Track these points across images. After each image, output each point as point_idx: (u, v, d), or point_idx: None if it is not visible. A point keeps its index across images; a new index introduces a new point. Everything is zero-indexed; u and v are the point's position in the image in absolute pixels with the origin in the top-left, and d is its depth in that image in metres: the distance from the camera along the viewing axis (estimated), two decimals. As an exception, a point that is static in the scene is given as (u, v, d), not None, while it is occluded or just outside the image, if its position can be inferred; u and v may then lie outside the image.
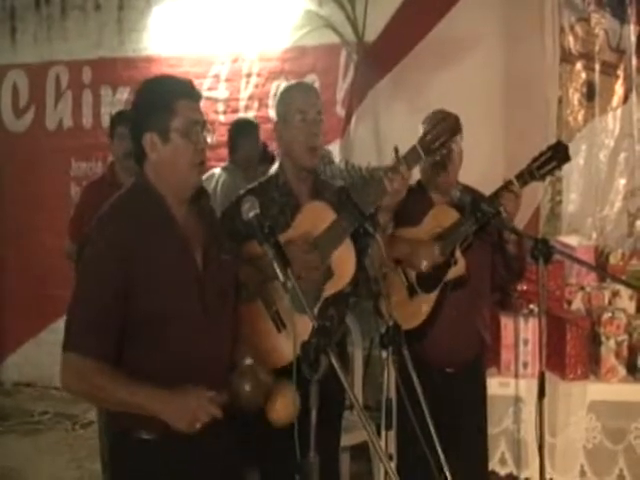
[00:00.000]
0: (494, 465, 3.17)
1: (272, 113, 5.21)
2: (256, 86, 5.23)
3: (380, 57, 4.56)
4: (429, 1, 4.50)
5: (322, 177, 2.68)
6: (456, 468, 2.87)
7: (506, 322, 3.16)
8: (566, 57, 4.38)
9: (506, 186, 2.63)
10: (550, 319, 3.16)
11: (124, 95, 5.49)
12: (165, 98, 1.92)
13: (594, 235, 4.31)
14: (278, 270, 1.78)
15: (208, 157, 4.96)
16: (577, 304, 3.32)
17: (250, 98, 5.27)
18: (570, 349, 3.09)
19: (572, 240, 3.66)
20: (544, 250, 2.42)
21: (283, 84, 5.15)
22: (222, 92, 5.34)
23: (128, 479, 1.97)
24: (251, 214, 1.86)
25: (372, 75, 4.54)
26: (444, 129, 2.29)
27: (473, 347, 2.87)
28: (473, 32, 4.26)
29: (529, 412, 3.11)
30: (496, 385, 3.13)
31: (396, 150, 2.30)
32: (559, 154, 2.64)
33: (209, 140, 1.99)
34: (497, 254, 2.78)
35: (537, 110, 4.25)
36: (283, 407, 1.96)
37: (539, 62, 4.23)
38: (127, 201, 1.97)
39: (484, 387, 3.01)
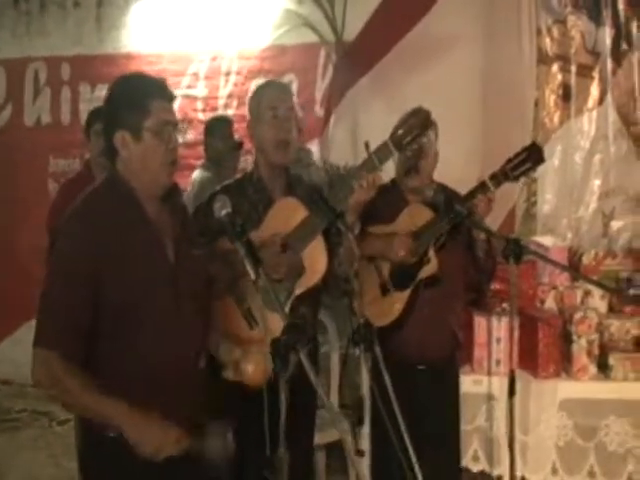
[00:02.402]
0: (467, 462, 3.20)
1: (249, 112, 5.25)
2: (235, 84, 5.23)
3: (359, 57, 4.58)
4: (408, 2, 4.52)
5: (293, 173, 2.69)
6: (429, 464, 2.93)
7: (479, 320, 3.19)
8: (543, 59, 4.42)
9: (480, 187, 2.65)
10: (522, 318, 3.21)
11: (103, 92, 5.39)
12: (139, 97, 1.94)
13: (569, 235, 4.36)
14: (249, 268, 1.79)
15: (187, 155, 5.03)
16: (550, 303, 3.36)
17: (229, 96, 5.27)
18: (542, 348, 3.12)
19: (546, 240, 3.70)
20: (515, 250, 2.44)
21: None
22: (201, 90, 5.34)
23: (97, 475, 1.98)
24: (223, 212, 1.87)
25: (351, 75, 4.56)
26: (415, 124, 2.31)
27: (446, 345, 2.90)
28: (451, 33, 4.29)
29: (502, 410, 3.14)
30: (469, 383, 3.16)
31: (367, 146, 2.31)
32: (533, 155, 2.66)
33: (181, 140, 1.99)
34: (468, 253, 2.81)
35: (514, 111, 4.29)
36: (256, 367, 1.97)
37: (516, 63, 4.27)
38: (98, 197, 1.97)
39: (457, 385, 3.04)
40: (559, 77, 4.45)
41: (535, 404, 3.14)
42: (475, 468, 3.22)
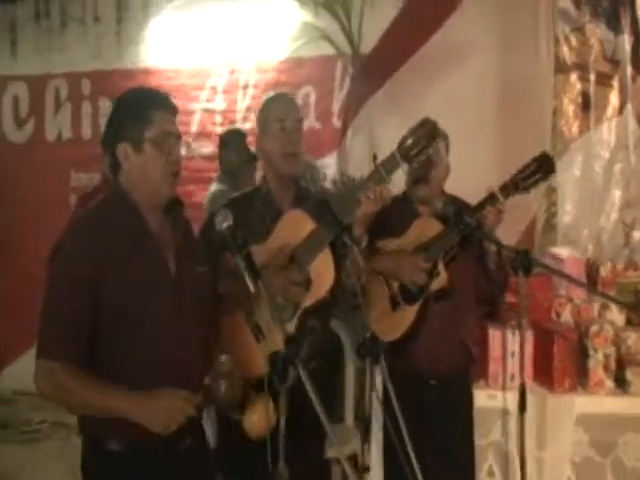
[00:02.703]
0: (482, 477, 3.15)
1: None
2: (253, 97, 5.25)
3: (375, 69, 4.58)
4: (424, 13, 4.51)
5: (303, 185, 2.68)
6: (442, 477, 2.92)
7: (494, 334, 3.15)
8: (561, 67, 4.38)
9: (489, 198, 2.62)
10: (538, 331, 3.17)
11: (123, 107, 5.50)
12: (140, 109, 1.95)
13: (590, 246, 4.31)
14: (249, 281, 1.79)
15: (206, 168, 5.04)
16: (566, 316, 3.30)
17: (247, 109, 5.29)
18: (557, 362, 3.07)
19: (563, 252, 3.64)
20: (524, 262, 2.41)
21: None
22: (219, 104, 5.37)
23: None
24: (224, 225, 1.87)
25: (368, 87, 4.57)
26: (422, 135, 2.28)
27: (458, 359, 2.86)
28: (468, 43, 4.28)
29: (515, 424, 3.10)
30: (484, 397, 3.12)
31: (374, 157, 2.30)
32: (544, 166, 2.63)
33: (183, 153, 2.00)
34: (479, 266, 2.77)
35: (532, 121, 4.25)
36: (258, 420, 1.96)
37: (534, 72, 4.24)
38: (101, 209, 2.00)
39: (470, 399, 2.99)
40: (578, 86, 4.41)
41: (551, 419, 3.08)
42: (490, 483, 3.18)
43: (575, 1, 4.40)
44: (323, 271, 2.33)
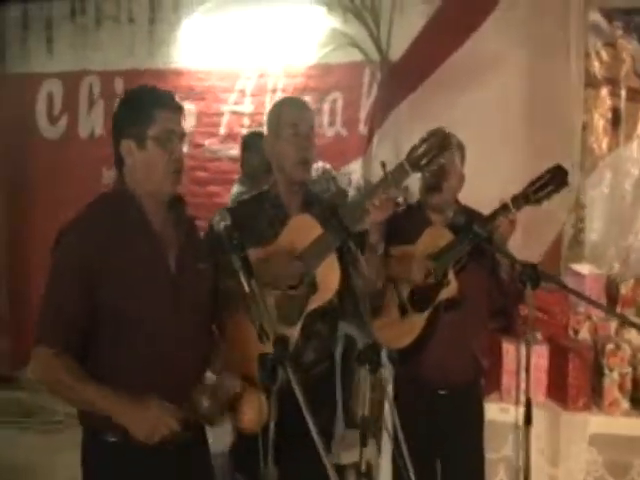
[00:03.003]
0: (494, 491, 3.11)
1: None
2: (281, 102, 5.25)
3: (403, 76, 4.54)
4: (454, 22, 4.46)
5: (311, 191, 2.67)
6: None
7: (508, 348, 3.09)
8: (591, 82, 4.32)
9: (501, 209, 2.58)
10: (553, 347, 3.11)
11: (153, 106, 5.55)
12: (143, 107, 1.97)
13: (616, 264, 4.23)
14: (243, 280, 1.78)
15: (233, 170, 5.06)
16: (584, 334, 3.23)
17: (275, 114, 5.29)
18: (572, 379, 3.01)
19: (583, 268, 3.57)
20: (532, 275, 2.36)
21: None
22: (247, 106, 5.38)
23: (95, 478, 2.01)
24: (221, 225, 1.87)
25: (395, 94, 4.53)
26: (433, 144, 2.27)
27: (467, 370, 2.83)
28: (497, 54, 4.22)
29: (529, 440, 3.05)
30: (496, 411, 3.07)
31: (383, 165, 2.28)
32: (557, 178, 2.59)
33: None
34: (492, 277, 2.73)
35: (561, 135, 4.19)
36: (251, 415, 1.96)
37: (564, 86, 4.17)
38: (103, 203, 2.03)
39: (481, 411, 2.96)
40: (608, 101, 4.35)
41: (564, 437, 3.03)
42: (502, 498, 3.13)
43: (607, 16, 4.35)
44: (329, 275, 2.32)
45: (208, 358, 2.11)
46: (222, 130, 5.44)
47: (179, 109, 2.03)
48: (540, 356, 3.08)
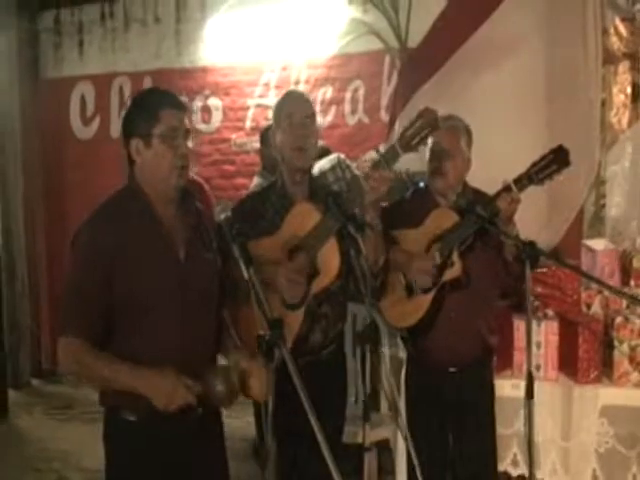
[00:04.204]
0: (506, 466, 3.20)
1: (319, 119, 5.36)
2: (304, 93, 5.38)
3: (423, 62, 4.60)
4: (471, 5, 4.50)
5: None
6: (463, 465, 2.98)
7: (519, 324, 3.17)
8: (610, 58, 4.31)
9: (504, 190, 2.66)
10: (563, 322, 3.18)
11: (182, 104, 5.72)
12: (149, 108, 2.12)
13: (638, 239, 4.24)
14: (242, 268, 1.92)
15: (259, 163, 5.21)
16: (596, 308, 3.29)
17: (298, 105, 5.41)
18: (582, 353, 3.09)
19: (597, 244, 3.62)
20: (531, 253, 2.44)
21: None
22: (272, 99, 5.49)
23: (117, 456, 2.17)
24: (222, 216, 2.01)
25: (415, 80, 4.59)
26: (423, 125, 2.37)
27: (475, 349, 2.89)
28: (515, 35, 4.24)
29: (541, 414, 3.12)
30: (508, 387, 3.16)
31: (376, 149, 2.40)
32: (560, 158, 2.64)
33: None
34: (499, 258, 2.81)
35: (580, 112, 4.19)
36: (257, 388, 2.08)
37: (582, 64, 4.17)
38: (116, 200, 2.18)
39: (491, 388, 3.02)
40: (627, 76, 4.34)
41: (576, 410, 3.10)
42: (515, 472, 3.21)
43: (625, -9, 4.34)
44: (330, 259, 2.44)
45: (218, 342, 2.26)
46: (248, 124, 5.59)
47: (183, 108, 2.17)
48: (551, 332, 3.16)
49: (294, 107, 2.61)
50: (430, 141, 2.77)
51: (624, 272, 3.47)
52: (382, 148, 4.75)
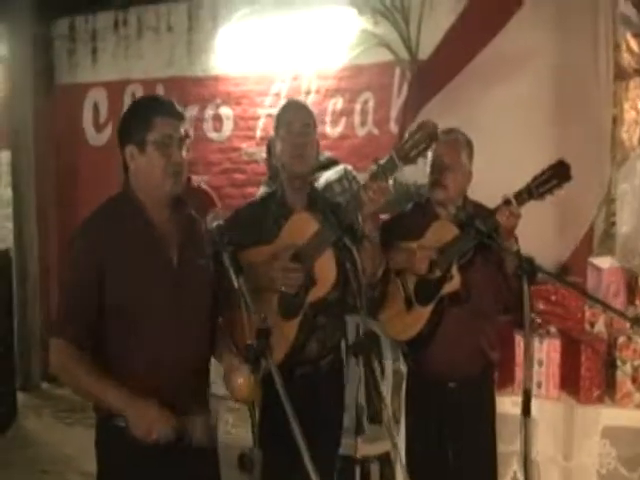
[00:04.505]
0: (506, 484, 3.16)
1: (328, 130, 5.38)
2: (314, 103, 5.34)
3: (433, 75, 4.59)
4: (482, 19, 4.49)
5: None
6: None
7: (521, 340, 3.13)
8: (621, 74, 4.27)
9: (504, 205, 2.63)
10: (566, 340, 3.15)
11: (193, 112, 5.76)
12: (144, 114, 2.12)
13: (649, 258, 4.19)
14: (232, 276, 1.90)
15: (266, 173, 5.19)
16: (599, 327, 3.24)
17: (308, 115, 5.41)
18: (584, 372, 3.04)
19: (603, 262, 3.57)
20: (528, 269, 2.41)
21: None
22: (283, 110, 5.51)
23: (107, 463, 2.18)
24: (214, 224, 2.00)
25: (425, 92, 4.58)
26: (421, 137, 2.36)
27: (474, 364, 2.87)
28: (526, 49, 4.23)
29: (542, 432, 3.10)
30: (509, 404, 3.11)
31: (375, 160, 2.39)
32: (560, 173, 2.62)
33: (184, 155, 2.14)
34: (499, 273, 2.78)
35: (591, 129, 4.16)
36: (243, 383, 2.05)
37: (593, 79, 4.15)
38: (110, 206, 2.19)
39: (492, 404, 2.99)
40: (639, 93, 4.30)
41: (578, 430, 3.06)
42: (515, 491, 3.17)
43: (637, 6, 4.29)
44: (326, 270, 2.44)
45: (210, 348, 2.24)
46: (258, 133, 5.59)
47: (179, 116, 2.17)
48: (553, 349, 3.12)
49: (293, 116, 2.61)
50: (431, 153, 2.77)
51: (630, 291, 3.42)
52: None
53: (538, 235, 4.02)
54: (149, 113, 2.12)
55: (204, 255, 2.20)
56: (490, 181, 3.00)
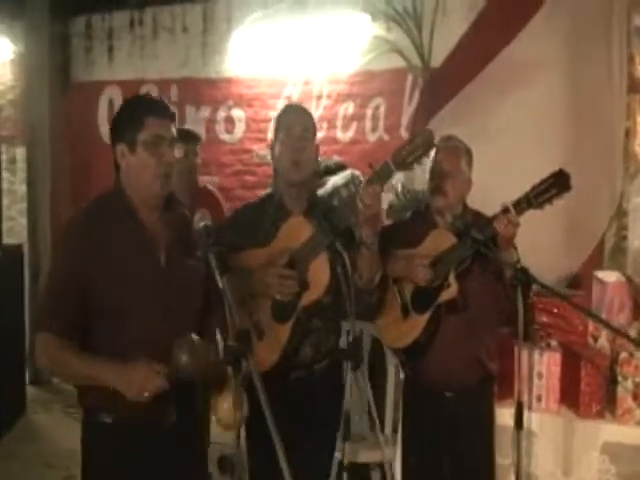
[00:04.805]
0: (504, 498, 3.11)
1: (339, 134, 5.36)
2: (325, 108, 5.36)
3: (445, 82, 4.56)
4: (495, 27, 4.45)
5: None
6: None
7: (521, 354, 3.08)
8: (635, 86, 4.24)
9: (502, 214, 2.59)
10: (567, 354, 3.10)
11: (206, 113, 5.77)
12: (135, 114, 2.12)
13: (659, 273, 4.13)
14: (217, 277, 1.89)
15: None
16: (602, 342, 3.19)
17: (320, 119, 5.36)
18: (584, 386, 3.00)
19: (608, 276, 3.52)
20: (523, 279, 2.37)
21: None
22: (293, 113, 5.50)
23: (91, 460, 2.17)
24: (201, 224, 1.98)
25: (437, 100, 4.55)
26: (418, 144, 2.33)
27: (472, 374, 2.83)
28: (539, 58, 4.19)
29: (541, 446, 3.06)
30: (508, 416, 3.05)
31: (370, 165, 2.37)
32: (560, 183, 2.58)
33: (177, 155, 2.13)
34: (498, 282, 2.74)
35: (603, 141, 4.13)
36: (227, 411, 2.04)
37: (606, 91, 4.11)
38: (100, 203, 2.19)
39: (490, 416, 2.95)
40: (652, 106, 4.26)
41: (577, 445, 3.01)
42: (512, 504, 3.12)
43: (652, 18, 4.26)
44: (319, 274, 2.42)
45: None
46: (270, 135, 5.54)
47: (170, 116, 2.16)
48: (553, 363, 3.08)
49: (293, 120, 2.58)
50: (431, 160, 2.74)
51: (636, 306, 3.37)
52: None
53: (548, 246, 3.99)
54: (140, 112, 2.11)
55: (195, 255, 2.18)
56: (501, 189, 2.95)
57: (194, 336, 2.02)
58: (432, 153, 2.75)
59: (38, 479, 4.34)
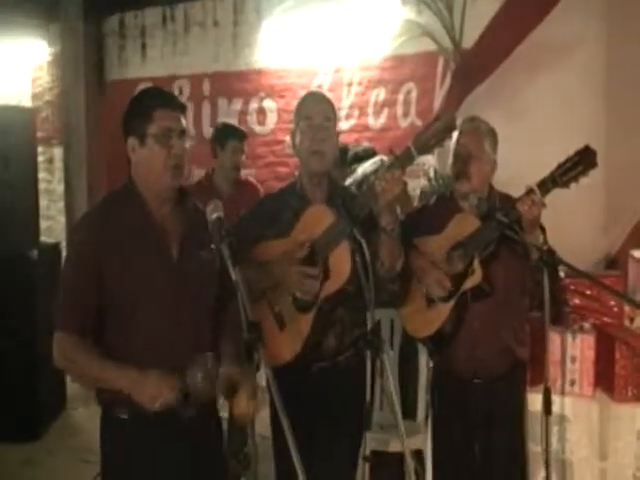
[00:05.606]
0: (539, 484, 3.06)
1: (371, 121, 5.32)
2: (356, 95, 5.33)
3: (477, 64, 4.50)
4: (527, 5, 4.37)
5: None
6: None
7: (553, 337, 3.03)
8: (677, 66, 4.09)
9: (526, 195, 2.53)
10: (601, 336, 3.03)
11: (238, 106, 5.80)
12: (144, 107, 2.13)
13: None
14: (230, 269, 1.89)
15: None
16: (639, 322, 3.12)
17: (351, 107, 5.37)
18: (619, 369, 2.94)
19: (642, 253, 3.43)
20: (549, 261, 2.32)
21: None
22: (325, 102, 5.48)
23: (110, 456, 2.20)
24: (213, 215, 1.98)
25: (469, 82, 4.49)
26: (439, 127, 2.30)
27: (502, 360, 2.77)
28: (573, 35, 4.09)
29: (575, 431, 3.01)
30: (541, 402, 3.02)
31: (391, 151, 2.34)
32: (586, 159, 2.51)
33: (187, 146, 2.13)
34: (526, 266, 2.68)
35: (640, 120, 4.01)
36: (246, 405, 2.04)
37: (645, 65, 4.00)
38: (112, 198, 2.21)
39: (522, 402, 2.90)
40: (694, 77, 4.10)
41: (613, 430, 2.95)
42: (547, 490, 3.07)
43: (694, -5, 4.11)
44: (341, 263, 2.40)
45: (210, 342, 2.21)
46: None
47: (179, 108, 2.16)
48: (587, 346, 3.02)
49: (313, 109, 2.54)
50: (453, 143, 2.69)
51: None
52: (435, 153, 4.77)
53: (585, 226, 3.91)
54: (149, 106, 2.12)
55: (209, 248, 2.19)
56: (536, 171, 2.89)
57: (210, 356, 2.04)
58: (455, 136, 2.71)
59: (75, 474, 4.39)
